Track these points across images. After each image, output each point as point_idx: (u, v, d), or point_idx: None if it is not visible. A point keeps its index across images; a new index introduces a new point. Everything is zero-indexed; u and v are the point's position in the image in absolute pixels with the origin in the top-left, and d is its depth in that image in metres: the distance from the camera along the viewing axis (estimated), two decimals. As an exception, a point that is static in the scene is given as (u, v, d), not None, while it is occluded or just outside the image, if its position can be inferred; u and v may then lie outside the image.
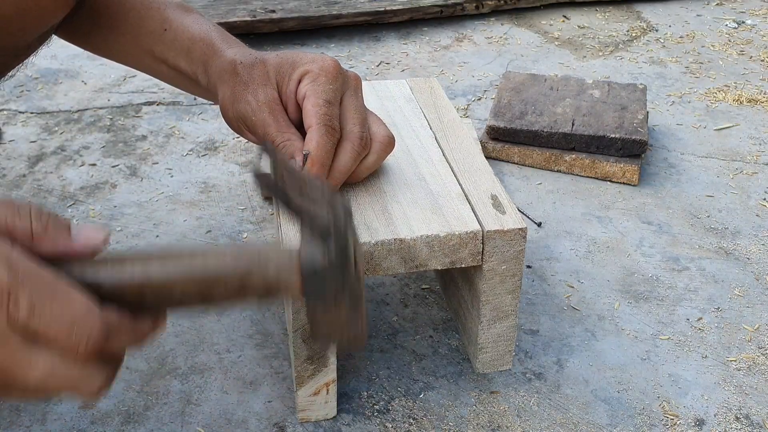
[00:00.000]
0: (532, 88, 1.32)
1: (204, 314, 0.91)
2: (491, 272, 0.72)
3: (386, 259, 0.69)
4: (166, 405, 0.80)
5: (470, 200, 0.74)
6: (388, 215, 0.71)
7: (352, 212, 0.55)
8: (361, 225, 0.70)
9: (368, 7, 1.74)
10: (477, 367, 0.78)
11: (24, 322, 0.44)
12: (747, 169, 1.23)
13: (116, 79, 1.52)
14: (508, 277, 0.73)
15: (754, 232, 1.08)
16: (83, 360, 0.46)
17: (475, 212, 0.72)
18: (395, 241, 0.68)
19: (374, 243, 0.68)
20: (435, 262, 0.71)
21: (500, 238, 0.71)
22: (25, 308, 0.44)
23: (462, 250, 0.70)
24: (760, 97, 1.46)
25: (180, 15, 0.83)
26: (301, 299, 0.53)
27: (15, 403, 0.80)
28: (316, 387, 0.75)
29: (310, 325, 0.54)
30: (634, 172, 1.17)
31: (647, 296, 0.96)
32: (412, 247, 0.69)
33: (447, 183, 0.77)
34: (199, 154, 1.27)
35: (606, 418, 0.79)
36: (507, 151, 1.23)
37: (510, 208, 0.73)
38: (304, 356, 0.72)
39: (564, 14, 1.89)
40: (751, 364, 0.86)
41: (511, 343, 0.77)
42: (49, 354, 0.45)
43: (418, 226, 0.70)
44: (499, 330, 0.76)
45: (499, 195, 0.75)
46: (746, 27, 1.81)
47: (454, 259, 0.71)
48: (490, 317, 0.75)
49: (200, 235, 1.06)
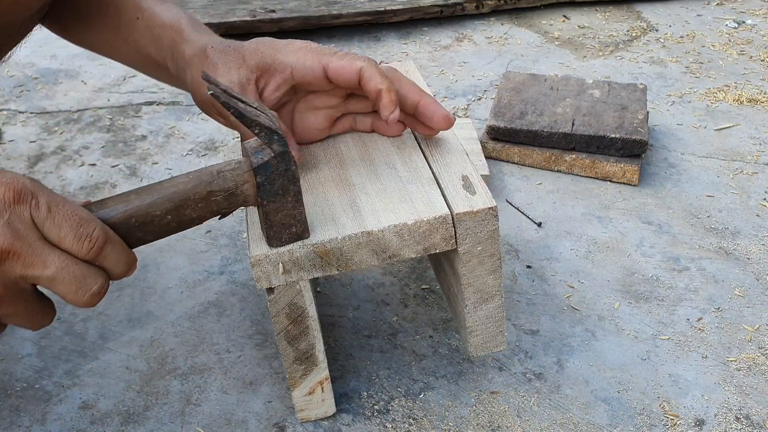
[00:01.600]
0: (532, 88, 1.32)
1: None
2: (468, 254, 0.71)
3: (356, 253, 0.68)
4: (166, 405, 0.80)
5: (440, 184, 0.72)
6: (356, 208, 0.70)
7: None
8: (329, 221, 0.69)
9: (368, 7, 1.74)
10: (470, 351, 0.77)
11: (42, 221, 0.54)
12: (747, 169, 1.23)
13: (116, 79, 1.52)
14: (485, 257, 0.71)
15: (754, 232, 1.08)
16: (87, 258, 0.56)
17: (444, 196, 0.71)
18: (363, 234, 0.67)
19: (341, 238, 0.67)
20: (408, 251, 0.69)
21: (471, 219, 0.69)
22: (44, 209, 0.54)
23: (434, 235, 0.69)
24: (761, 97, 1.46)
25: (153, 3, 0.83)
26: (256, 199, 0.63)
27: (15, 403, 0.80)
28: (310, 387, 0.75)
29: (265, 222, 0.64)
30: (634, 172, 1.17)
31: (647, 296, 0.96)
32: (381, 239, 0.68)
33: (418, 168, 0.75)
34: (199, 154, 1.27)
35: (606, 418, 0.79)
36: (507, 151, 1.23)
37: (480, 187, 0.71)
38: (291, 358, 0.72)
39: (564, 14, 1.89)
40: (752, 364, 0.86)
41: (501, 323, 0.76)
42: (60, 254, 0.55)
43: (386, 216, 0.69)
44: (486, 312, 0.74)
45: (470, 175, 0.73)
46: (746, 27, 1.81)
47: (426, 246, 0.69)
48: (475, 300, 0.73)
49: (200, 235, 1.06)
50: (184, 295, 0.95)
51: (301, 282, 0.68)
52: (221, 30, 1.60)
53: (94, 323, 0.91)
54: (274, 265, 0.66)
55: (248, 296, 0.95)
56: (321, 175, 0.76)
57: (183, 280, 0.98)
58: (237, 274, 0.99)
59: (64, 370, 0.85)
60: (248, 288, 0.97)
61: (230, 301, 0.94)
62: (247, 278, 0.98)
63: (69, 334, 0.90)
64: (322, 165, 0.77)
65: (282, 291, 0.68)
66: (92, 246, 0.56)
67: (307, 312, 0.70)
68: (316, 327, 0.71)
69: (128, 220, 0.60)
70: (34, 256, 0.54)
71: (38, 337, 0.89)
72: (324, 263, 0.67)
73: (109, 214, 0.59)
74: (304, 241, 0.66)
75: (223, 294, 0.95)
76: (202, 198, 0.61)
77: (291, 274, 0.67)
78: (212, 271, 1.00)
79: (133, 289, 0.97)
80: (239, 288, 0.97)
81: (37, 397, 0.81)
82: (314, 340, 0.71)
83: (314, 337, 0.71)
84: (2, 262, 0.53)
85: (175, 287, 0.97)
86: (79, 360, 0.86)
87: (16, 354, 0.87)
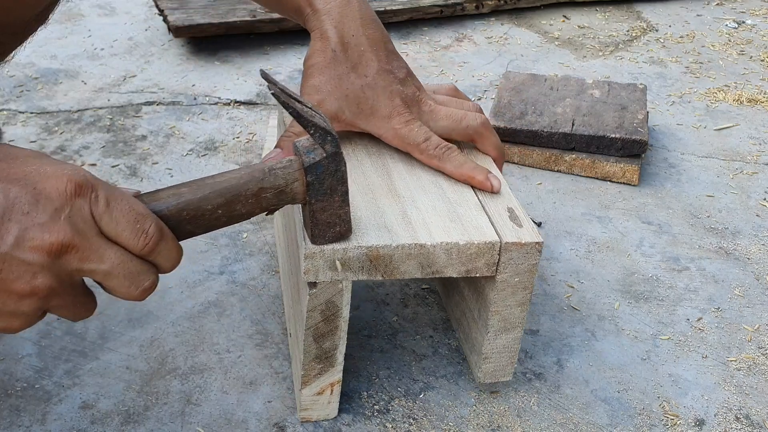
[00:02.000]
0: (532, 88, 1.32)
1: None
2: (504, 284, 0.73)
3: (404, 263, 0.69)
4: (166, 405, 0.80)
5: (487, 212, 0.74)
6: (407, 220, 0.72)
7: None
8: (382, 227, 0.70)
9: (368, 7, 1.74)
10: (479, 376, 0.79)
11: (100, 216, 0.54)
12: (747, 169, 1.23)
13: (116, 79, 1.52)
14: (519, 289, 0.73)
15: (754, 232, 1.08)
16: (142, 253, 0.56)
17: (492, 223, 0.73)
18: (415, 246, 0.69)
19: (395, 246, 0.68)
20: (451, 269, 0.71)
21: (517, 250, 0.71)
22: (103, 203, 0.55)
23: (479, 259, 0.71)
24: (760, 97, 1.46)
25: None
26: (305, 198, 0.64)
27: (15, 403, 0.80)
28: (321, 387, 0.75)
29: (311, 220, 0.65)
30: (634, 172, 1.17)
31: (647, 296, 0.96)
32: (431, 254, 0.69)
33: (464, 193, 0.77)
34: (199, 154, 1.27)
35: (606, 418, 0.79)
36: (507, 150, 1.23)
37: (527, 222, 0.74)
38: (313, 355, 0.72)
39: (564, 14, 1.89)
40: (751, 364, 0.86)
41: (515, 354, 0.78)
42: (117, 249, 0.56)
43: (437, 232, 0.70)
44: (505, 341, 0.76)
45: (516, 209, 0.75)
46: (746, 27, 1.81)
47: (470, 268, 0.71)
48: (498, 328, 0.75)
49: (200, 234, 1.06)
50: (184, 295, 0.96)
51: (345, 282, 0.69)
52: (221, 30, 1.60)
53: (94, 323, 0.91)
54: (326, 260, 0.67)
55: (248, 296, 0.95)
56: (370, 182, 0.77)
57: (183, 280, 0.98)
58: (237, 274, 0.99)
59: (64, 370, 0.85)
60: (248, 288, 0.97)
61: (230, 301, 0.94)
62: (247, 278, 0.98)
63: (69, 334, 0.90)
64: (370, 173, 0.78)
65: (324, 287, 0.69)
66: (147, 242, 0.57)
67: (341, 312, 0.71)
68: (345, 329, 0.72)
69: (180, 213, 0.60)
70: (92, 251, 0.54)
71: (38, 337, 0.89)
72: (372, 267, 0.69)
73: (161, 206, 0.60)
74: (358, 243, 0.67)
75: (223, 294, 0.95)
76: (253, 194, 0.62)
77: (338, 272, 0.68)
78: (212, 271, 1.00)
79: (133, 289, 0.97)
80: (239, 288, 0.97)
81: (37, 397, 0.81)
82: (339, 341, 0.72)
83: (340, 338, 0.72)
84: (61, 256, 0.53)
85: (175, 287, 0.97)
86: (79, 360, 0.86)
87: (16, 354, 0.87)
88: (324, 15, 0.78)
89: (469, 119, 0.80)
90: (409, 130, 0.77)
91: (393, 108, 0.77)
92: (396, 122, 0.77)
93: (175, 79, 1.51)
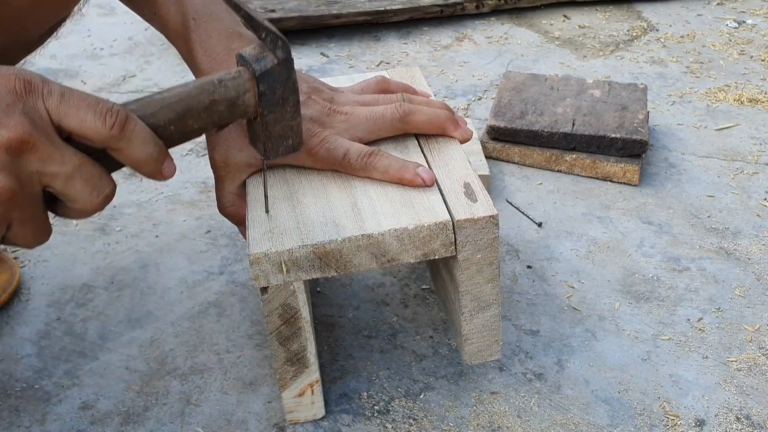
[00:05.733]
0: (532, 87, 1.32)
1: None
2: (467, 262, 0.71)
3: (356, 255, 0.68)
4: (166, 405, 0.80)
5: (442, 190, 0.73)
6: (357, 211, 0.70)
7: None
8: (329, 223, 0.69)
9: (368, 6, 1.74)
10: (464, 358, 0.77)
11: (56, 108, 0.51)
12: (747, 169, 1.23)
13: (116, 79, 1.51)
14: (485, 265, 0.71)
15: (754, 233, 1.08)
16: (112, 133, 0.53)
17: (446, 202, 0.71)
18: (363, 237, 0.67)
19: (341, 240, 0.67)
20: (407, 255, 0.69)
21: (471, 226, 0.69)
22: (57, 95, 0.51)
23: (434, 241, 0.69)
24: (761, 97, 1.46)
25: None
26: (257, 110, 0.61)
27: (15, 404, 0.80)
28: (300, 389, 0.74)
29: (263, 134, 0.63)
30: (634, 172, 1.17)
31: (648, 296, 0.96)
32: (381, 242, 0.68)
33: None
34: (199, 153, 1.26)
35: (606, 418, 0.79)
36: (507, 151, 1.23)
37: (482, 195, 0.71)
38: (283, 358, 0.72)
39: (564, 14, 1.88)
40: (752, 364, 0.86)
41: (497, 333, 0.76)
42: (77, 152, 0.53)
43: (386, 220, 0.69)
44: (483, 320, 0.75)
45: (472, 183, 0.73)
46: (747, 27, 1.81)
47: (426, 251, 0.69)
48: (472, 307, 0.73)
49: (200, 235, 1.06)
50: (184, 295, 0.95)
51: (296, 283, 0.68)
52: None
53: (94, 323, 0.91)
54: (274, 263, 0.66)
55: (248, 296, 0.95)
56: (324, 176, 0.76)
57: (183, 280, 0.98)
58: (237, 274, 0.99)
59: (64, 370, 0.85)
60: (248, 288, 0.96)
61: (230, 301, 0.94)
62: (247, 278, 0.98)
63: (69, 334, 0.90)
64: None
65: (276, 291, 0.68)
66: (115, 120, 0.53)
67: (301, 313, 0.69)
68: (309, 329, 0.71)
69: None
70: (52, 150, 0.52)
71: (38, 337, 0.89)
72: (323, 264, 0.67)
73: None
74: (303, 242, 0.66)
75: (223, 294, 0.95)
76: (204, 108, 0.60)
77: (290, 274, 0.67)
78: (212, 271, 0.99)
79: (133, 289, 0.97)
80: (239, 288, 0.97)
81: (37, 397, 0.81)
82: (306, 342, 0.71)
83: (306, 339, 0.71)
84: (20, 154, 0.51)
85: (175, 287, 0.97)
86: (79, 360, 0.86)
87: (16, 354, 0.87)
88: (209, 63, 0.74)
89: (389, 114, 0.77)
90: (326, 149, 0.73)
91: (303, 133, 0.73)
92: (311, 145, 0.73)
93: (175, 79, 1.51)
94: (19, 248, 1.03)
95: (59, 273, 0.99)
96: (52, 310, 0.93)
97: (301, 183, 0.75)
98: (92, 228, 1.08)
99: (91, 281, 0.98)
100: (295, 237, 0.67)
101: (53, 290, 0.96)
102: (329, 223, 0.69)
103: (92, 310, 0.93)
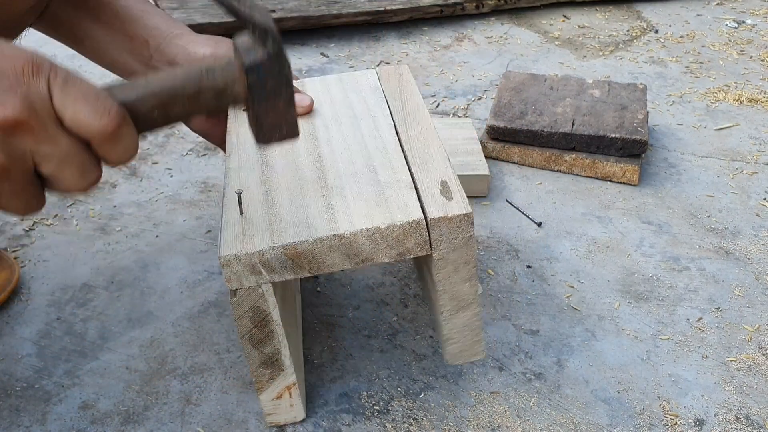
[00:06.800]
0: (532, 87, 1.32)
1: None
2: (443, 261, 0.70)
3: (329, 256, 0.67)
4: (166, 405, 0.80)
5: (418, 188, 0.72)
6: (330, 211, 0.69)
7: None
8: (301, 223, 0.68)
9: (368, 6, 1.74)
10: (446, 359, 0.76)
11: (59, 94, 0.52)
12: (747, 168, 1.23)
13: (116, 79, 1.51)
14: (461, 264, 0.70)
15: (754, 232, 1.08)
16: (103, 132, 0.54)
17: (420, 200, 0.70)
18: (335, 237, 0.66)
19: (312, 240, 0.66)
20: (381, 255, 0.68)
21: (445, 225, 0.68)
22: (62, 81, 0.52)
23: (408, 240, 0.68)
24: (761, 97, 1.46)
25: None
26: (246, 100, 0.60)
27: (15, 403, 0.80)
28: (278, 391, 0.74)
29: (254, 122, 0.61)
30: (634, 172, 1.17)
31: (647, 296, 0.96)
32: (354, 242, 0.67)
33: (398, 172, 0.74)
34: (199, 153, 1.27)
35: (606, 418, 0.79)
36: (507, 150, 1.23)
37: (458, 193, 0.70)
38: (257, 362, 0.71)
39: (564, 14, 1.88)
40: (752, 364, 0.86)
41: (478, 332, 0.75)
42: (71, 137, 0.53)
43: (359, 219, 0.67)
44: (463, 320, 0.74)
45: (449, 181, 0.72)
46: (746, 27, 1.81)
47: (401, 251, 0.68)
48: (451, 307, 0.73)
49: (200, 234, 1.06)
50: (184, 295, 0.95)
51: (264, 286, 0.67)
52: (221, 30, 1.60)
53: (94, 323, 0.91)
54: (245, 265, 0.65)
55: (248, 296, 0.95)
56: (301, 176, 0.75)
57: (183, 280, 0.98)
58: (237, 274, 0.99)
59: (64, 370, 0.85)
60: (248, 288, 0.96)
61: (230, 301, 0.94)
62: (247, 278, 0.98)
63: (69, 334, 0.90)
64: (303, 166, 0.76)
65: (244, 294, 0.67)
66: (110, 121, 0.54)
67: (271, 316, 0.69)
68: (281, 332, 0.70)
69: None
70: (47, 133, 0.52)
71: (38, 337, 0.89)
72: (295, 265, 0.67)
73: None
74: (274, 243, 0.65)
75: (223, 294, 0.95)
76: (190, 95, 0.59)
77: (262, 275, 0.66)
78: (212, 271, 1.00)
79: (133, 289, 0.97)
80: (239, 288, 0.97)
81: (37, 397, 0.81)
82: (279, 345, 0.70)
83: (279, 342, 0.70)
84: (15, 133, 0.52)
85: (175, 287, 0.97)
86: (79, 360, 0.86)
87: (16, 354, 0.87)
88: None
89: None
90: None
91: None
92: None
93: (175, 79, 1.51)
94: (19, 248, 1.03)
95: (59, 273, 0.99)
96: (53, 310, 0.93)
97: (278, 184, 0.74)
98: (92, 228, 1.08)
99: (92, 281, 0.98)
100: (266, 238, 0.66)
101: (53, 290, 0.96)
102: (302, 224, 0.68)
103: (92, 310, 0.93)
